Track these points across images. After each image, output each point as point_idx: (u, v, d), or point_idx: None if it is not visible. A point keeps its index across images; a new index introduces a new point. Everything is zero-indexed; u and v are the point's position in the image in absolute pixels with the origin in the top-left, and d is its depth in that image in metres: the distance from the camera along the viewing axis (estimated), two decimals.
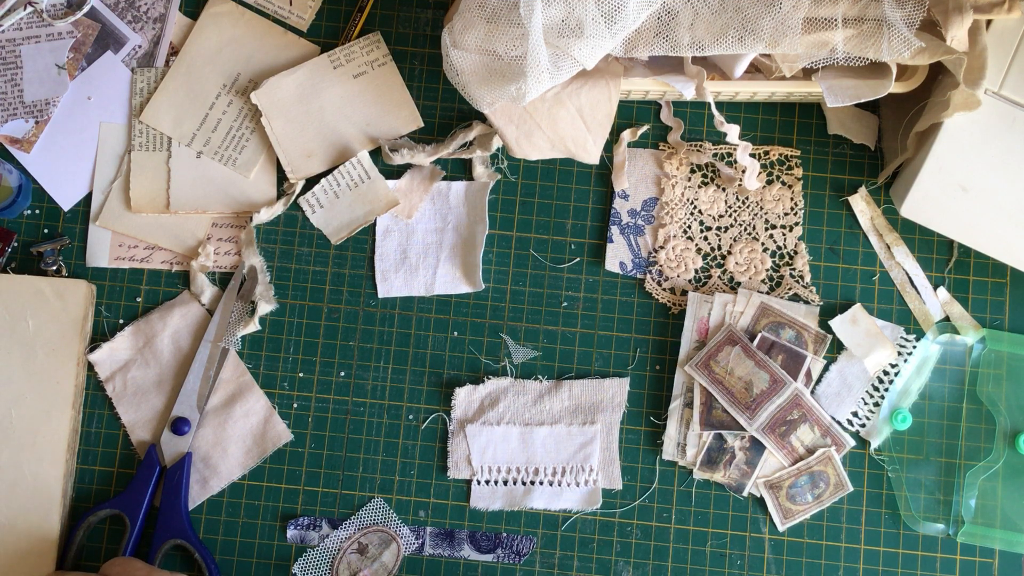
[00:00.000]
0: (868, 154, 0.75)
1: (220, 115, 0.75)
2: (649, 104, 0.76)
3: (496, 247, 0.75)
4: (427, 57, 0.76)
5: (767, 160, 0.75)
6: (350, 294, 0.74)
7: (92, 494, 0.73)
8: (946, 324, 0.73)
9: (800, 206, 0.74)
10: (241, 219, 0.75)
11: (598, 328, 0.74)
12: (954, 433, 0.72)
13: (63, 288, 0.73)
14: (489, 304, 0.74)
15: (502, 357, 0.74)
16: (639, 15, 0.63)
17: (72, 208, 0.75)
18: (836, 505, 0.72)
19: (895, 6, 0.64)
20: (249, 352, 0.74)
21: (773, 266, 0.74)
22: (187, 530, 0.71)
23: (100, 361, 0.73)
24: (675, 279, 0.74)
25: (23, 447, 0.71)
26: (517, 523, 0.72)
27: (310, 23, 0.77)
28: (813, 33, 0.65)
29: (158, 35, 0.77)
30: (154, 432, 0.73)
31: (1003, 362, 0.72)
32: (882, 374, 0.72)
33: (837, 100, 0.67)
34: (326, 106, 0.75)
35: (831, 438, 0.71)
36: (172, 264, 0.75)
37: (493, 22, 0.64)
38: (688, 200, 0.75)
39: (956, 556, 0.71)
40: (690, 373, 0.72)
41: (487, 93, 0.66)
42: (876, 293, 0.74)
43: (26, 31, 0.76)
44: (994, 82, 0.67)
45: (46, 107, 0.75)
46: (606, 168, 0.75)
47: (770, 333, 0.72)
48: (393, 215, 0.75)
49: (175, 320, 0.74)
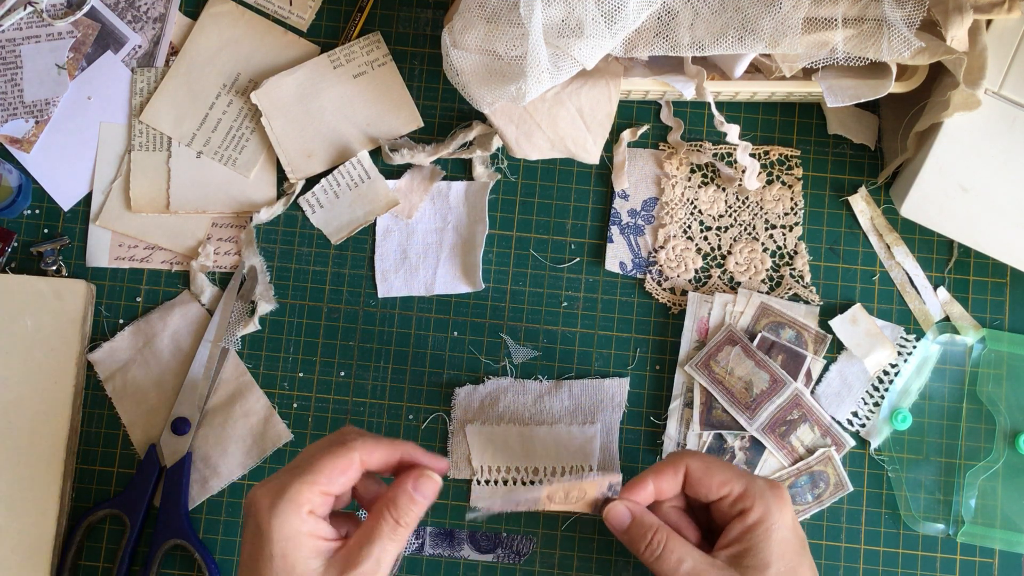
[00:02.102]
0: (868, 154, 0.75)
1: (220, 115, 0.75)
2: (649, 104, 0.76)
3: (496, 247, 0.75)
4: (427, 57, 0.76)
5: (767, 160, 0.75)
6: (350, 294, 0.74)
7: (92, 494, 0.73)
8: (946, 324, 0.73)
9: (800, 206, 0.74)
10: (241, 219, 0.75)
11: (598, 328, 0.74)
12: (954, 433, 0.72)
13: (63, 288, 0.73)
14: (489, 304, 0.74)
15: (502, 357, 0.74)
16: (639, 15, 0.63)
17: (72, 208, 0.75)
18: (836, 505, 0.72)
19: (895, 6, 0.64)
20: (249, 352, 0.74)
21: (773, 266, 0.74)
22: (187, 530, 0.70)
23: (100, 361, 0.73)
24: (675, 279, 0.74)
25: (22, 447, 0.71)
26: (517, 523, 0.72)
27: (310, 23, 0.77)
28: (813, 33, 0.65)
29: (158, 35, 0.77)
30: (154, 432, 0.73)
31: (1003, 362, 0.72)
32: (882, 374, 0.72)
33: (837, 100, 0.67)
34: (326, 106, 0.75)
35: (831, 438, 0.71)
36: (172, 264, 0.75)
37: (493, 22, 0.64)
38: (688, 200, 0.75)
39: (956, 556, 0.71)
40: (690, 373, 0.72)
41: (487, 93, 0.66)
42: (876, 293, 0.74)
43: (26, 31, 0.76)
44: (994, 82, 0.67)
45: (46, 107, 0.75)
46: (606, 168, 0.75)
47: (770, 333, 0.72)
48: (393, 215, 0.75)
49: (175, 320, 0.74)
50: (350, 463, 0.58)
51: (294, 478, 0.57)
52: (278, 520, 0.55)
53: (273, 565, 0.55)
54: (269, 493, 0.56)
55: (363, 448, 0.58)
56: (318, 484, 0.56)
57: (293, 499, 0.56)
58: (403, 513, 0.58)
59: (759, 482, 0.60)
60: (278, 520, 0.55)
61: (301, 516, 0.56)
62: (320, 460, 0.57)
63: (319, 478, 0.56)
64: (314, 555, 0.56)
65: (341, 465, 0.57)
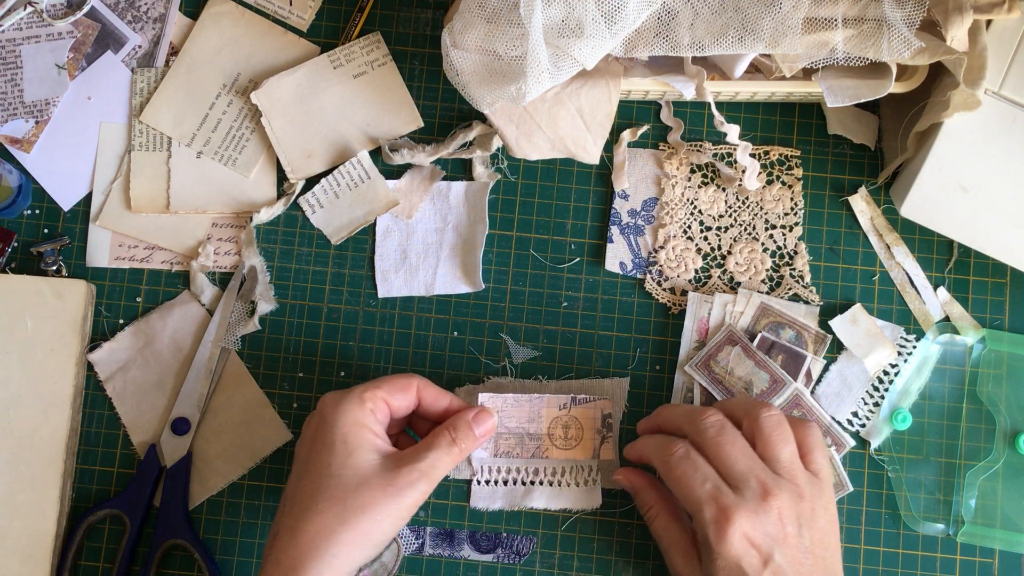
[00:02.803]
0: (868, 154, 0.75)
1: (220, 115, 0.75)
2: (649, 104, 0.76)
3: (496, 247, 0.75)
4: (427, 57, 0.76)
5: (767, 160, 0.75)
6: (350, 294, 0.74)
7: (92, 494, 0.73)
8: (946, 324, 0.73)
9: (800, 206, 0.74)
10: (241, 219, 0.75)
11: (598, 328, 0.74)
12: (954, 433, 0.72)
13: (62, 288, 0.73)
14: (489, 304, 0.74)
15: (502, 357, 0.74)
16: (639, 15, 0.63)
17: (72, 208, 0.75)
18: (836, 505, 0.72)
19: (895, 6, 0.64)
20: (249, 352, 0.74)
21: (773, 266, 0.74)
22: (187, 530, 0.70)
23: (100, 361, 0.73)
24: (675, 279, 0.74)
25: (21, 447, 0.71)
26: (517, 523, 0.72)
27: (310, 23, 0.77)
28: (813, 33, 0.65)
29: (158, 35, 0.77)
30: (154, 432, 0.73)
31: (1003, 362, 0.72)
32: (882, 374, 0.72)
33: (837, 100, 0.67)
34: (326, 106, 0.75)
35: (831, 438, 0.71)
36: (172, 264, 0.75)
37: (493, 22, 0.64)
38: (688, 200, 0.75)
39: (956, 556, 0.71)
40: (690, 373, 0.72)
41: (487, 93, 0.66)
42: (876, 293, 0.74)
43: (26, 31, 0.76)
44: (994, 82, 0.67)
45: (46, 107, 0.75)
46: (606, 168, 0.75)
47: (770, 333, 0.72)
48: (393, 215, 0.75)
49: (175, 320, 0.74)
50: (410, 384, 0.65)
51: (360, 386, 0.64)
52: (343, 409, 0.62)
53: (335, 450, 0.61)
54: (337, 393, 0.64)
55: (421, 380, 0.66)
56: (381, 390, 0.63)
57: (358, 396, 0.63)
58: (461, 437, 0.64)
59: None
60: (343, 409, 0.62)
61: (364, 410, 0.62)
62: (384, 377, 0.65)
63: (382, 386, 0.64)
64: (372, 449, 0.62)
65: (402, 383, 0.64)
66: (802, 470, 0.62)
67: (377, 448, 0.62)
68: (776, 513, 0.60)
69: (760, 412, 0.63)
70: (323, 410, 0.63)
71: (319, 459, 0.61)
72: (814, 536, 0.61)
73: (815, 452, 0.63)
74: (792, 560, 0.60)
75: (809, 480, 0.62)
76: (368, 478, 0.60)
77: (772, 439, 0.62)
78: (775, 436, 0.62)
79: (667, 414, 0.67)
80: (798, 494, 0.61)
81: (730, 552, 0.59)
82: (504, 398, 0.70)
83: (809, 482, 0.62)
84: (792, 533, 0.60)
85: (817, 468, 0.63)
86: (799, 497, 0.61)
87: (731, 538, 0.59)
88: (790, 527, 0.60)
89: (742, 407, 0.64)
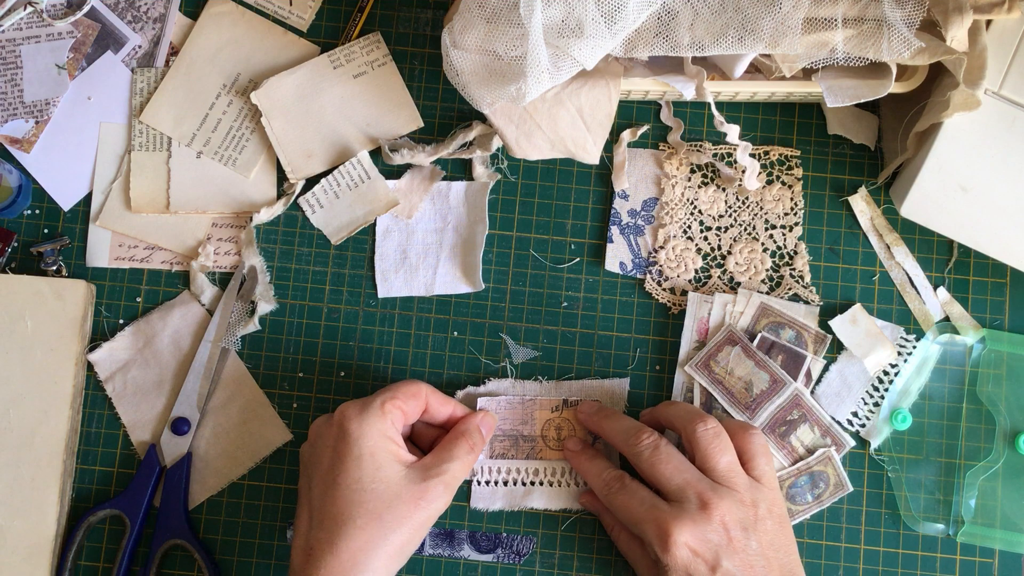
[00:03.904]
0: (868, 154, 0.75)
1: (220, 115, 0.75)
2: (649, 104, 0.76)
3: (496, 247, 0.75)
4: (427, 57, 0.76)
5: (767, 160, 0.75)
6: (350, 294, 0.74)
7: (92, 494, 0.73)
8: (946, 324, 0.73)
9: (800, 206, 0.74)
10: (241, 219, 0.75)
11: (598, 328, 0.74)
12: (954, 433, 0.72)
13: (62, 288, 0.73)
14: (489, 304, 0.74)
15: (502, 357, 0.74)
16: (639, 15, 0.63)
17: (72, 208, 0.75)
18: (836, 505, 0.72)
19: (895, 6, 0.64)
20: (249, 352, 0.74)
21: (773, 266, 0.74)
22: (187, 530, 0.71)
23: (100, 361, 0.73)
24: (675, 279, 0.74)
25: (21, 447, 0.71)
26: (517, 523, 0.72)
27: (310, 23, 0.77)
28: (813, 33, 0.65)
29: (158, 35, 0.77)
30: (154, 432, 0.73)
31: (1003, 362, 0.72)
32: (882, 374, 0.72)
33: (837, 100, 0.67)
34: (326, 106, 0.75)
35: (831, 438, 0.71)
36: (172, 264, 0.75)
37: (493, 22, 0.64)
38: (688, 200, 0.75)
39: (956, 556, 0.71)
40: (690, 373, 0.72)
41: (487, 93, 0.66)
42: (876, 293, 0.74)
43: (26, 31, 0.76)
44: (994, 82, 0.67)
45: (46, 107, 0.75)
46: (606, 168, 0.75)
47: (770, 333, 0.72)
48: (393, 215, 0.75)
49: (175, 320, 0.74)
50: (419, 391, 0.66)
51: (376, 395, 0.65)
52: (367, 423, 0.63)
53: (363, 464, 0.62)
54: (356, 405, 0.64)
55: (427, 387, 0.67)
56: (397, 399, 0.64)
57: (379, 407, 0.64)
58: (475, 441, 0.67)
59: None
60: (367, 423, 0.63)
61: (387, 422, 0.64)
62: (394, 385, 0.66)
63: (398, 394, 0.65)
64: (397, 460, 0.63)
65: (413, 389, 0.66)
66: (743, 476, 0.63)
67: (401, 459, 0.64)
68: (718, 521, 0.61)
69: (696, 427, 0.64)
70: (344, 423, 0.63)
71: (348, 474, 0.62)
72: (762, 539, 0.62)
73: (757, 459, 0.65)
74: (742, 564, 0.61)
75: (750, 485, 0.63)
76: (399, 492, 0.62)
77: (709, 451, 0.64)
78: (712, 448, 0.64)
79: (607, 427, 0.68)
80: (739, 500, 0.62)
81: (676, 563, 0.60)
82: (497, 401, 0.71)
83: (751, 487, 0.63)
84: (738, 538, 0.61)
85: (759, 474, 0.64)
86: (741, 503, 0.62)
87: (674, 550, 0.60)
88: (735, 532, 0.61)
89: (680, 420, 0.66)
